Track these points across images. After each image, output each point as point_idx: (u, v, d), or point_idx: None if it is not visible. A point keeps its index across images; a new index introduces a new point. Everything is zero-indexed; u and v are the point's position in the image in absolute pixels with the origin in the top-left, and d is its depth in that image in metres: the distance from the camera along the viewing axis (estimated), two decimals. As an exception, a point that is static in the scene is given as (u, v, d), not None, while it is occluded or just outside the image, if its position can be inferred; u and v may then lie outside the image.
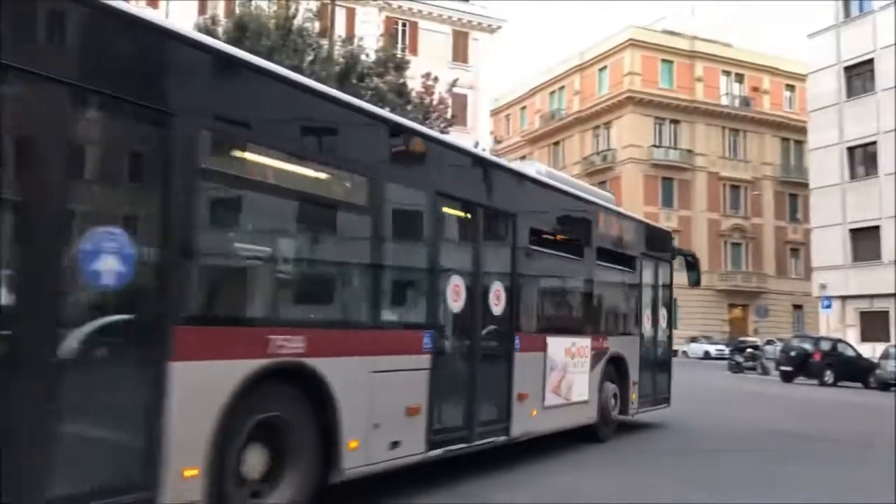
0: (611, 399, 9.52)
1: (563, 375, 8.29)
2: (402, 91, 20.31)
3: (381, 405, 5.49)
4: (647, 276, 10.83)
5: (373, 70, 20.15)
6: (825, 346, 26.91)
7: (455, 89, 24.82)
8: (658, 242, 11.51)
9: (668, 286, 11.57)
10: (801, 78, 43.42)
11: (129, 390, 3.92)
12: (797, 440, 10.76)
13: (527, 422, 7.51)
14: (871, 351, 28.61)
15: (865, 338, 32.63)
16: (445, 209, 6.60)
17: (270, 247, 5.10)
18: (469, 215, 6.91)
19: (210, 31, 18.23)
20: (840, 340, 28.48)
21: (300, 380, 4.84)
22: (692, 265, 12.62)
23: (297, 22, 18.82)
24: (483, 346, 6.95)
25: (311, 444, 4.89)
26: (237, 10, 19.32)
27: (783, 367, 26.71)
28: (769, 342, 37.65)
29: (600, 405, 9.18)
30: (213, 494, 4.15)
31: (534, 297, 8.20)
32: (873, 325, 33.25)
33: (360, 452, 5.22)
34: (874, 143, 33.46)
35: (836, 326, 34.03)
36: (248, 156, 4.80)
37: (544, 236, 8.20)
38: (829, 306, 34.08)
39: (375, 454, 5.43)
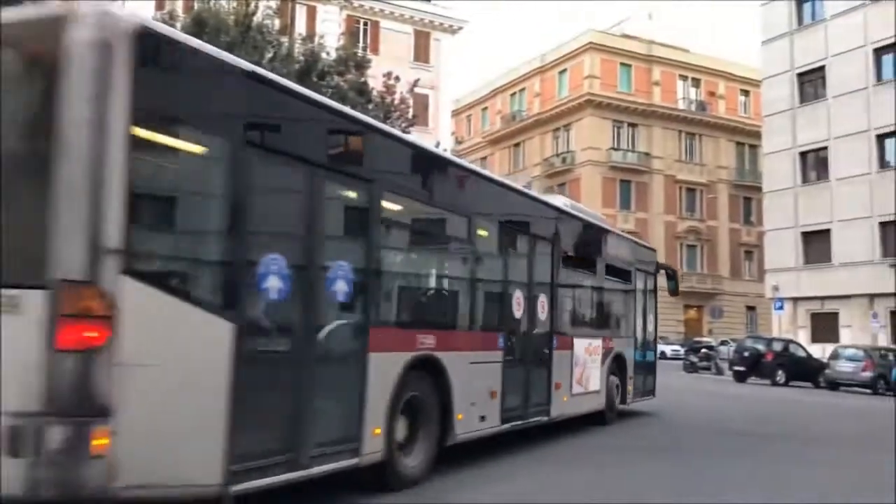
0: (614, 390, 11.37)
1: (584, 369, 10.12)
2: (363, 90, 20.21)
3: (475, 388, 7.20)
4: (640, 287, 12.73)
5: (333, 68, 20.01)
6: (777, 346, 27.46)
7: (416, 89, 24.80)
8: (646, 258, 13.49)
9: (654, 295, 13.57)
10: (756, 83, 44.31)
11: (348, 374, 5.56)
12: (744, 437, 10.99)
13: (561, 406, 9.32)
14: (820, 351, 29.32)
15: (816, 338, 33.39)
16: (514, 241, 8.64)
17: (416, 274, 7.26)
18: (528, 244, 8.85)
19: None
20: (791, 341, 29.11)
21: (430, 367, 6.48)
22: (671, 276, 14.55)
23: (256, 19, 18.60)
24: (534, 345, 8.79)
25: (434, 417, 6.55)
26: (196, 6, 19.00)
27: (736, 367, 27.12)
28: (723, 343, 38.30)
29: (608, 395, 11.00)
30: (386, 448, 5.79)
31: (564, 306, 9.90)
32: (823, 326, 34.06)
33: (463, 423, 6.91)
34: (825, 148, 34.25)
35: (788, 327, 34.79)
36: (408, 210, 6.60)
37: (570, 256, 10.02)
38: (781, 308, 34.78)
39: (471, 425, 7.12)
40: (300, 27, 35.41)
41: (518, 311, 8.32)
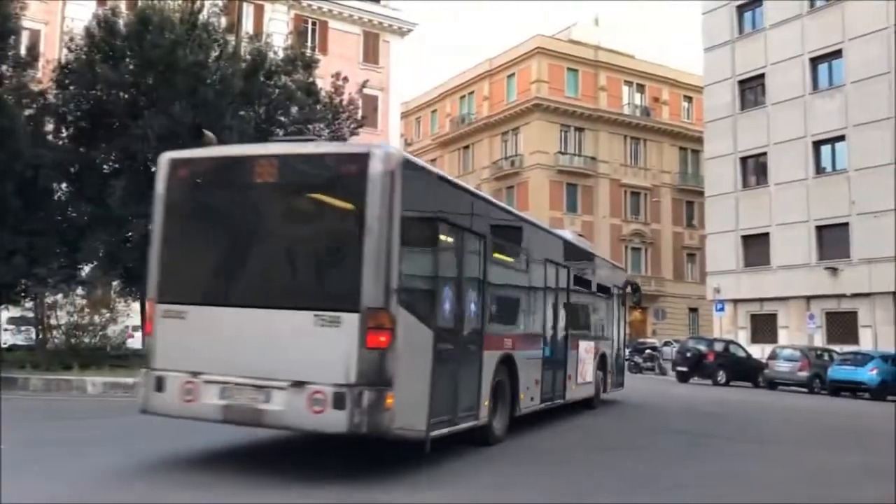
0: (600, 382, 14.34)
1: (584, 365, 13.12)
2: (310, 90, 20.02)
3: (529, 377, 9.96)
4: (615, 300, 15.83)
5: (281, 68, 19.78)
6: (718, 347, 28.04)
7: (366, 90, 24.68)
8: (619, 275, 16.83)
9: (625, 306, 17.06)
10: (699, 90, 45.31)
11: (476, 365, 8.18)
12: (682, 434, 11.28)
13: (571, 392, 12.18)
14: (760, 352, 30.13)
15: (755, 339, 34.29)
16: (551, 271, 11.32)
17: (503, 297, 9.52)
18: (556, 272, 11.54)
19: (110, 24, 17.51)
20: (732, 342, 29.82)
21: (508, 361, 9.08)
22: (636, 290, 17.91)
23: (202, 16, 18.28)
24: (558, 346, 11.54)
25: (507, 396, 9.10)
26: (139, 3, 18.57)
27: (679, 368, 27.54)
28: (667, 343, 39.01)
29: (596, 385, 13.99)
30: (489, 416, 8.41)
31: (574, 316, 12.67)
32: (762, 327, 35.00)
33: (524, 402, 9.69)
34: (765, 153, 35.20)
35: (729, 328, 35.64)
36: (502, 256, 9.49)
37: (576, 278, 12.70)
38: (721, 309, 35.61)
39: (527, 403, 9.90)
40: (247, 26, 34.96)
41: (550, 321, 11.25)
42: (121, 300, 17.15)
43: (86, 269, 17.57)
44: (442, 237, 7.55)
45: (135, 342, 18.73)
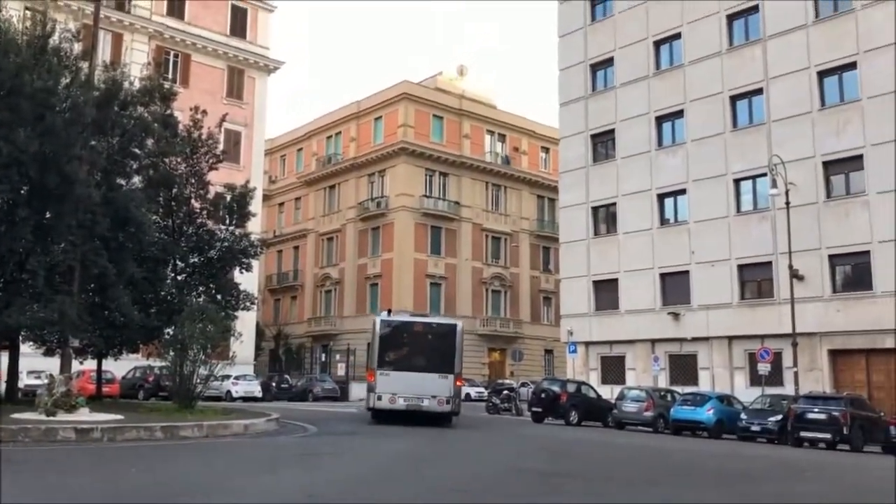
0: (454, 402, 21.27)
1: (458, 392, 21.81)
2: (168, 122, 19.51)
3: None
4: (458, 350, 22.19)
5: (137, 98, 19.14)
6: (571, 387, 28.72)
7: (230, 126, 24.41)
8: (460, 332, 22.51)
9: (461, 353, 22.69)
10: (555, 142, 47.52)
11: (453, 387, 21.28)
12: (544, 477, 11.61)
13: (455, 408, 21.24)
14: (609, 392, 31.43)
15: (605, 380, 35.78)
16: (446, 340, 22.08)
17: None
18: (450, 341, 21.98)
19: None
20: (584, 383, 30.89)
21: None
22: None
23: (52, 41, 17.43)
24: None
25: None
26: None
27: (534, 408, 27.95)
28: (523, 384, 40.05)
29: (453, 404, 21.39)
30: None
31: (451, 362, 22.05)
32: (612, 369, 36.61)
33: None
34: (615, 203, 37.23)
35: (581, 369, 37.01)
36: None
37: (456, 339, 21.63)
38: (574, 351, 36.97)
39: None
40: (105, 54, 33.54)
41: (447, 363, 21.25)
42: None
43: None
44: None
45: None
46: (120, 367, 31.19)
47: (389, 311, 25.54)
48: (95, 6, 18.95)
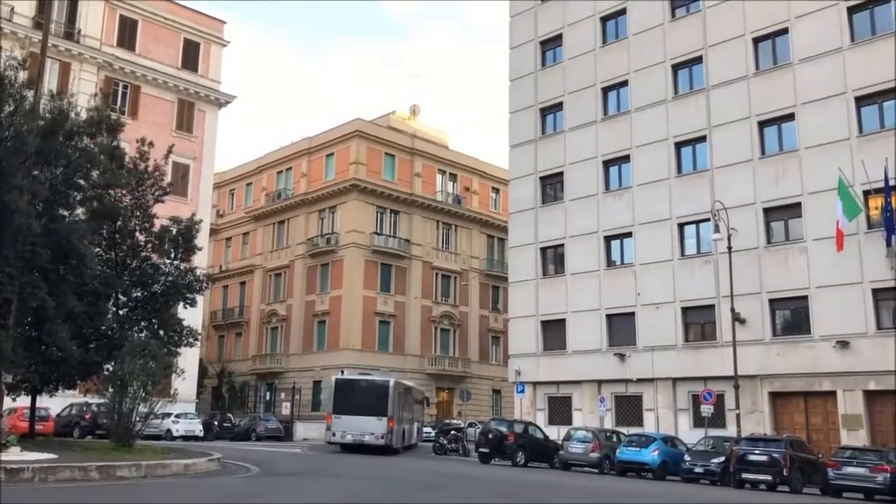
0: (410, 437, 32.23)
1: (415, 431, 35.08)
2: (114, 154, 19.20)
3: (409, 431, 33.85)
4: (419, 404, 35.29)
5: (83, 129, 18.81)
6: (518, 428, 28.75)
7: (178, 158, 24.16)
8: (393, 386, 30.04)
9: (423, 406, 34.74)
10: (505, 182, 48.12)
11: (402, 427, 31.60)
12: None
13: (411, 439, 33.45)
14: (556, 433, 31.49)
15: (552, 421, 35.82)
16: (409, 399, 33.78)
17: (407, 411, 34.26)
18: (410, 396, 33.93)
19: None
20: (531, 423, 30.91)
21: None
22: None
23: (-3, 68, 17.08)
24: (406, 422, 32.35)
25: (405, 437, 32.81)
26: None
27: (482, 449, 27.83)
28: (471, 425, 39.80)
29: (408, 439, 32.33)
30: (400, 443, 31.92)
31: (417, 414, 35.97)
32: (559, 409, 36.69)
33: (408, 440, 33.37)
34: (562, 244, 37.69)
35: (528, 410, 37.01)
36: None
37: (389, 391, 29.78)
38: (522, 391, 37.00)
39: (409, 442, 33.73)
40: (51, 83, 32.97)
41: (401, 411, 30.68)
42: None
43: None
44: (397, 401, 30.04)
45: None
46: (55, 403, 30.15)
47: (342, 371, 36.53)
48: (43, 35, 18.63)
